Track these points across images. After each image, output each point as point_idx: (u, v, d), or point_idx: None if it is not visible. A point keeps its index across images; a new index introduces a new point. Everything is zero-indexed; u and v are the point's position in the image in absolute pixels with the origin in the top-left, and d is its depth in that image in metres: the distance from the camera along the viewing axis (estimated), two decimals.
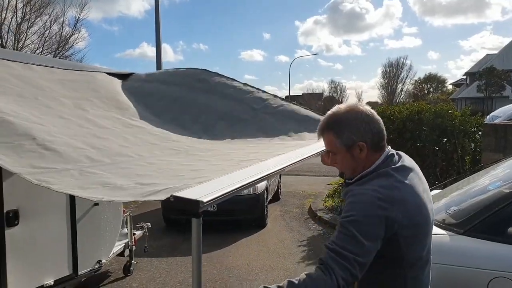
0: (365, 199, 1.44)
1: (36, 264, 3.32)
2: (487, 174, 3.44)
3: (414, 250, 1.53)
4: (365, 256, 1.38)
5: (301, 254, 5.47)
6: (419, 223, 1.52)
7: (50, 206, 3.45)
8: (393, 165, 1.52)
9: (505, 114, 12.46)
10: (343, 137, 1.52)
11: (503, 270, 2.36)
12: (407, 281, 1.54)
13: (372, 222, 1.41)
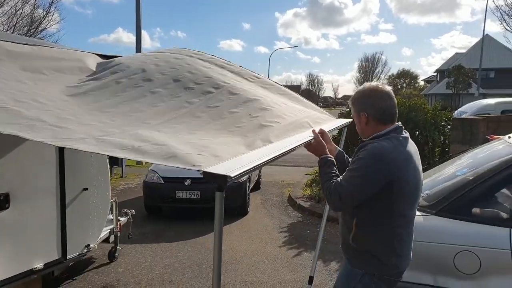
0: (374, 151, 1.91)
1: (25, 247, 3.39)
2: (455, 162, 3.74)
3: (403, 203, 1.96)
4: (354, 190, 1.90)
5: (283, 239, 5.71)
6: (411, 183, 1.95)
7: (40, 190, 3.52)
8: (400, 135, 1.99)
9: (471, 110, 13.15)
10: (354, 107, 2.12)
11: (467, 245, 2.64)
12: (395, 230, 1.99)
13: (375, 170, 1.88)
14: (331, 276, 4.44)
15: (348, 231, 2.07)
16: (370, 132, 2.05)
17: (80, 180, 3.90)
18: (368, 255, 2.04)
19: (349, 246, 2.09)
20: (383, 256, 2.02)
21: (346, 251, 2.17)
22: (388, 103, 2.03)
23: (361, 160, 1.92)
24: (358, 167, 1.92)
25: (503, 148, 3.17)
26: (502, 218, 2.72)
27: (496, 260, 2.58)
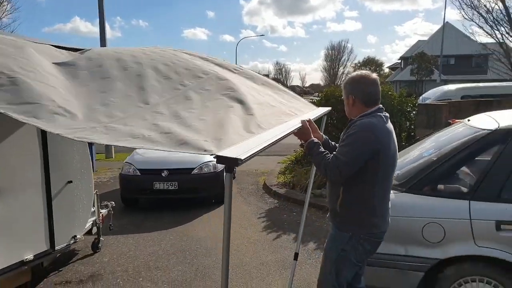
0: (364, 125, 2.25)
1: (16, 239, 3.45)
2: (421, 145, 4.05)
3: (384, 171, 2.33)
4: (350, 162, 2.22)
5: (262, 224, 5.94)
6: (392, 153, 2.34)
7: (27, 183, 3.57)
8: (382, 114, 2.35)
9: (434, 96, 13.77)
10: (345, 90, 2.47)
11: (434, 217, 2.94)
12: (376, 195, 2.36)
13: (365, 139, 2.23)
14: (310, 255, 4.71)
15: (336, 198, 2.39)
16: (357, 112, 2.41)
17: (64, 173, 3.97)
18: (354, 219, 2.37)
19: (337, 212, 2.41)
20: (366, 218, 2.36)
21: (333, 218, 2.48)
22: (373, 89, 2.40)
23: (353, 134, 2.26)
24: (351, 140, 2.26)
25: (463, 131, 3.46)
26: (462, 192, 3.02)
27: (457, 229, 2.89)
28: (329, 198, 2.51)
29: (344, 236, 2.40)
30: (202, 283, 4.04)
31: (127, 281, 4.10)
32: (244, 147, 1.58)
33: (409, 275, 3.01)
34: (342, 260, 2.42)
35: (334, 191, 2.44)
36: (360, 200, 2.36)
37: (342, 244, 2.41)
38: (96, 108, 1.85)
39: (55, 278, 4.16)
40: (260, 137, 1.78)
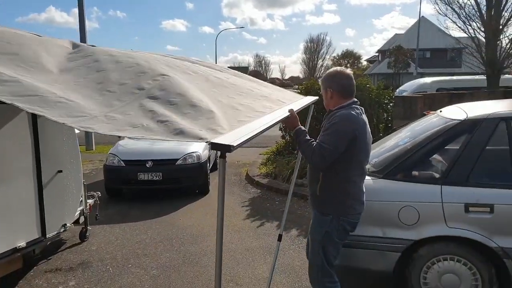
0: (344, 115, 2.50)
1: (9, 227, 3.54)
2: (397, 135, 4.27)
3: (360, 156, 2.60)
4: (334, 149, 2.45)
5: (245, 213, 6.11)
6: (367, 140, 2.61)
7: (19, 172, 3.66)
8: (357, 106, 2.60)
9: (410, 88, 14.23)
10: (323, 85, 2.74)
11: (409, 201, 3.16)
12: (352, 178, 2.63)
13: (344, 130, 2.47)
14: (293, 241, 4.92)
15: (316, 183, 2.63)
16: (335, 104, 2.67)
17: (54, 163, 4.05)
18: (333, 202, 2.62)
19: (317, 196, 2.66)
20: (344, 199, 2.62)
21: (314, 203, 2.72)
22: (348, 82, 2.66)
23: (335, 124, 2.49)
24: (334, 130, 2.48)
25: (436, 121, 3.69)
26: (435, 178, 3.25)
27: (430, 212, 3.12)
28: (310, 183, 2.76)
29: (325, 219, 2.66)
30: (190, 268, 4.19)
31: (116, 268, 4.22)
32: (236, 134, 1.73)
33: (387, 255, 3.23)
34: (326, 240, 2.67)
35: (314, 176, 2.68)
36: (338, 184, 2.61)
37: (325, 227, 2.66)
38: (95, 98, 1.96)
39: (44, 266, 4.24)
40: (249, 126, 1.93)
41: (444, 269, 3.14)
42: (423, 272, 3.19)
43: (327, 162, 2.47)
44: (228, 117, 1.97)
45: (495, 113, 3.27)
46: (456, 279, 3.12)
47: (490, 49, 13.33)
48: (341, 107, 2.63)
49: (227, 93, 2.44)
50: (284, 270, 4.14)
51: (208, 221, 5.72)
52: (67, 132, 4.24)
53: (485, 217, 3.02)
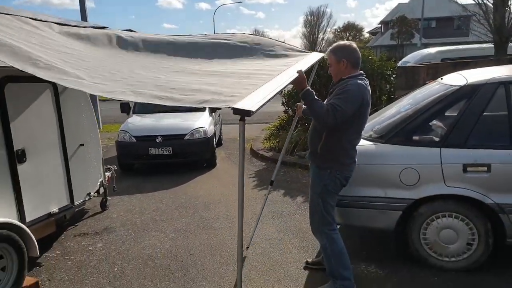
0: (356, 84, 2.81)
1: (43, 194, 3.86)
2: (399, 103, 4.47)
3: (361, 121, 2.91)
4: (345, 111, 2.72)
5: (252, 184, 6.39)
6: (368, 110, 2.90)
7: (47, 145, 3.94)
8: (364, 77, 2.88)
9: (414, 59, 14.15)
10: (336, 56, 2.95)
11: (410, 163, 3.40)
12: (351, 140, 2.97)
13: (356, 97, 2.76)
14: (299, 207, 5.20)
15: (318, 141, 2.95)
16: (346, 74, 2.93)
17: (76, 137, 4.32)
18: (332, 158, 2.95)
19: (317, 153, 2.99)
20: (340, 157, 2.96)
21: (314, 159, 3.06)
22: (358, 55, 2.96)
23: (349, 90, 2.77)
24: (347, 95, 2.76)
25: (437, 88, 3.88)
26: (434, 141, 3.47)
27: (430, 173, 3.35)
28: (311, 141, 3.08)
29: (324, 173, 3.00)
30: (205, 231, 4.50)
31: (137, 232, 4.54)
32: (254, 100, 1.95)
33: (388, 214, 3.49)
34: (325, 192, 3.01)
35: (317, 135, 3.00)
36: (339, 143, 2.93)
37: (323, 180, 3.00)
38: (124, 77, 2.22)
39: (73, 231, 4.58)
40: (263, 90, 2.15)
41: (443, 225, 3.41)
42: (422, 229, 3.46)
43: (337, 122, 2.73)
44: (244, 83, 2.20)
45: (494, 78, 3.43)
46: (454, 234, 3.39)
47: (498, 15, 13.12)
48: (351, 76, 2.90)
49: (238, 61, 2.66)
50: (293, 232, 4.43)
51: (217, 191, 6.01)
52: (85, 109, 4.50)
53: (482, 176, 3.26)
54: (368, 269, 3.54)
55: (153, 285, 3.40)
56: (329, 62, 3.02)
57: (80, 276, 3.60)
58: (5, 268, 3.15)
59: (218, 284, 3.38)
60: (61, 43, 2.54)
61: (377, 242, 4.05)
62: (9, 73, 3.45)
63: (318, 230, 3.11)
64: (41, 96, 3.87)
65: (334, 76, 3.01)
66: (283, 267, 3.64)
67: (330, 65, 3.01)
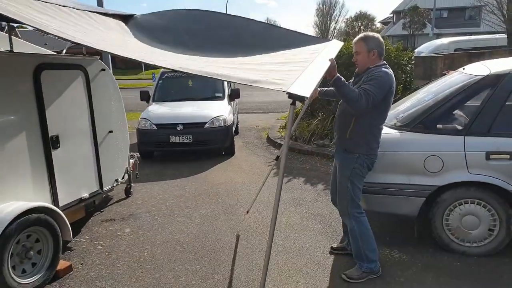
0: (385, 72, 2.97)
1: (75, 180, 4.00)
2: (421, 92, 4.53)
3: (386, 108, 3.07)
4: (376, 96, 2.87)
5: (272, 171, 6.41)
6: (393, 94, 3.02)
7: (79, 132, 4.08)
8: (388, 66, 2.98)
9: (427, 50, 14.13)
10: (367, 45, 3.08)
11: (434, 151, 3.47)
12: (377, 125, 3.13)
13: (386, 83, 2.92)
14: (320, 194, 5.30)
15: (347, 127, 3.09)
16: (374, 63, 3.09)
17: (106, 124, 4.45)
18: (360, 143, 3.11)
19: (346, 139, 3.14)
20: (369, 141, 3.12)
21: (342, 144, 3.22)
22: (384, 46, 3.11)
23: (379, 77, 2.90)
24: (378, 81, 2.89)
25: (459, 78, 3.92)
26: (457, 130, 3.53)
27: (454, 160, 3.43)
28: (340, 127, 3.23)
29: (353, 157, 3.14)
30: (230, 217, 4.62)
31: (163, 218, 4.68)
32: (304, 85, 2.04)
33: (412, 200, 3.58)
34: (354, 175, 3.15)
35: (345, 121, 3.13)
36: (368, 128, 3.10)
37: (352, 163, 3.15)
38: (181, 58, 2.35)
39: (100, 217, 4.72)
40: (306, 76, 2.23)
41: (465, 211, 3.49)
42: (445, 215, 3.54)
43: (368, 106, 2.87)
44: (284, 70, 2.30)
45: None
46: (476, 220, 3.47)
47: None
48: (378, 65, 3.06)
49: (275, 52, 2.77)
50: (316, 218, 4.53)
51: (238, 179, 6.13)
52: (114, 96, 4.62)
53: (505, 164, 3.32)
54: (391, 253, 3.64)
55: (184, 269, 3.53)
56: (357, 50, 3.12)
57: (111, 260, 3.75)
58: (40, 251, 3.30)
59: (247, 268, 3.51)
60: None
61: (399, 227, 4.14)
62: (44, 60, 3.58)
63: (347, 213, 3.23)
64: (73, 83, 3.99)
65: (361, 64, 3.12)
66: (309, 252, 3.75)
67: (358, 53, 3.11)
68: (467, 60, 7.53)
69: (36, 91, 3.51)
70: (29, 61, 3.51)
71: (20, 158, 3.38)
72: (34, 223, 3.15)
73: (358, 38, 3.15)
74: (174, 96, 8.27)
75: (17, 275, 3.05)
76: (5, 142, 3.24)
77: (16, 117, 3.35)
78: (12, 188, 3.28)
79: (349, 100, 2.89)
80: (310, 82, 2.10)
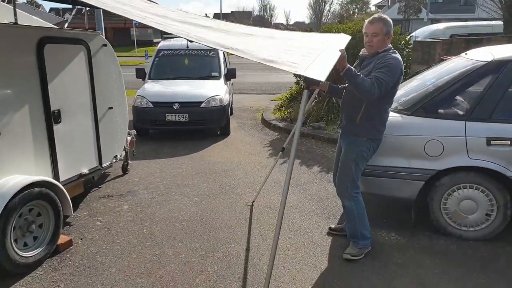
0: (396, 59, 2.98)
1: (75, 155, 3.97)
2: (422, 76, 4.53)
3: (394, 92, 3.11)
4: (388, 84, 2.90)
5: (268, 152, 6.51)
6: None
7: (80, 107, 4.03)
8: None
9: (423, 35, 14.11)
10: (385, 28, 3.06)
11: (435, 135, 3.50)
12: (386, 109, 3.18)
13: (397, 70, 2.93)
14: (316, 176, 5.34)
15: (357, 112, 3.10)
16: (384, 46, 3.11)
17: (106, 100, 4.39)
18: (369, 127, 3.14)
19: (355, 124, 3.14)
20: (378, 125, 3.17)
21: (351, 129, 3.21)
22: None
23: (391, 64, 2.92)
24: (390, 68, 2.91)
25: (462, 63, 3.92)
26: (459, 115, 3.55)
27: (454, 145, 3.46)
28: (348, 113, 3.23)
29: (361, 140, 3.18)
30: (227, 196, 4.64)
31: (161, 195, 4.68)
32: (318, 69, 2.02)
33: (411, 184, 3.62)
34: (359, 157, 3.20)
35: (355, 107, 3.11)
36: (377, 113, 3.13)
37: (359, 146, 3.19)
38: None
39: (98, 194, 4.70)
40: (320, 61, 2.22)
41: (463, 196, 3.54)
42: (443, 199, 3.60)
43: (381, 93, 2.88)
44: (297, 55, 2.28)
45: None
46: (474, 205, 3.53)
47: None
48: (387, 49, 3.09)
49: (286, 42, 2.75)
50: (313, 199, 4.57)
51: (235, 158, 6.14)
52: (115, 72, 4.54)
53: (505, 149, 3.36)
54: (388, 236, 3.70)
55: (183, 246, 3.55)
56: (376, 31, 3.05)
57: (111, 236, 3.75)
58: (42, 225, 3.29)
59: (245, 246, 3.54)
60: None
61: (396, 210, 4.20)
62: (47, 33, 3.49)
63: (345, 193, 3.29)
64: (75, 58, 3.91)
65: (375, 47, 3.08)
66: (307, 232, 3.80)
67: (376, 35, 3.05)
68: (465, 46, 7.53)
69: (39, 65, 3.45)
70: (32, 34, 3.43)
71: (22, 131, 3.34)
72: (36, 197, 3.13)
73: (377, 19, 3.08)
74: (170, 74, 8.17)
75: (19, 248, 3.04)
76: (7, 115, 3.19)
77: (19, 90, 3.30)
78: (14, 162, 3.24)
79: (363, 90, 2.87)
80: (324, 67, 2.09)
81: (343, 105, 3.34)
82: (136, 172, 5.47)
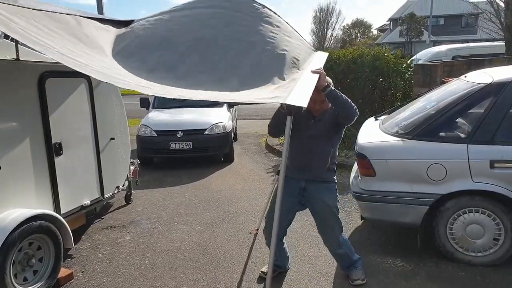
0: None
1: (77, 187, 3.98)
2: (423, 100, 4.52)
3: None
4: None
5: (271, 178, 6.47)
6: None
7: (81, 139, 4.06)
8: None
9: (425, 57, 14.19)
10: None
11: (437, 159, 3.46)
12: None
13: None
14: None
15: (328, 155, 3.07)
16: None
17: (107, 131, 4.43)
18: (335, 169, 3.17)
19: (325, 170, 3.10)
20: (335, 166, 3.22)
21: (321, 176, 3.12)
22: None
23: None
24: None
25: (461, 85, 3.93)
26: (461, 138, 3.52)
27: (457, 168, 3.42)
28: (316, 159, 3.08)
29: (334, 185, 3.19)
30: (230, 225, 4.59)
31: (164, 225, 4.64)
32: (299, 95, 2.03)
33: (415, 209, 3.56)
34: (337, 202, 3.21)
35: (325, 149, 3.07)
36: (336, 156, 3.17)
37: (335, 192, 3.19)
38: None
39: (100, 224, 4.68)
40: (300, 87, 2.23)
41: (469, 220, 3.47)
42: (449, 224, 3.52)
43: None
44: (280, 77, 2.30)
45: None
46: (481, 229, 3.45)
47: (510, 13, 13.12)
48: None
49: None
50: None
51: (238, 186, 6.10)
52: (116, 103, 4.60)
53: (509, 172, 3.31)
54: (394, 263, 3.61)
55: (185, 277, 3.50)
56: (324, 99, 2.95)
57: (112, 268, 3.71)
58: (42, 259, 3.26)
59: (249, 277, 3.48)
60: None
61: (401, 236, 4.12)
62: (49, 68, 3.56)
63: (339, 243, 3.24)
64: (77, 91, 3.98)
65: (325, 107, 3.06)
66: (311, 261, 3.72)
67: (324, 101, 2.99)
68: (467, 67, 7.56)
69: (41, 99, 3.51)
70: (34, 69, 3.50)
71: (23, 165, 3.36)
72: (36, 231, 3.12)
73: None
74: (173, 103, 8.26)
75: (18, 283, 3.01)
76: (9, 148, 3.22)
77: (21, 124, 3.34)
78: (15, 195, 3.25)
79: (350, 107, 2.83)
80: (305, 93, 2.11)
81: (303, 156, 3.08)
82: (139, 202, 5.46)
